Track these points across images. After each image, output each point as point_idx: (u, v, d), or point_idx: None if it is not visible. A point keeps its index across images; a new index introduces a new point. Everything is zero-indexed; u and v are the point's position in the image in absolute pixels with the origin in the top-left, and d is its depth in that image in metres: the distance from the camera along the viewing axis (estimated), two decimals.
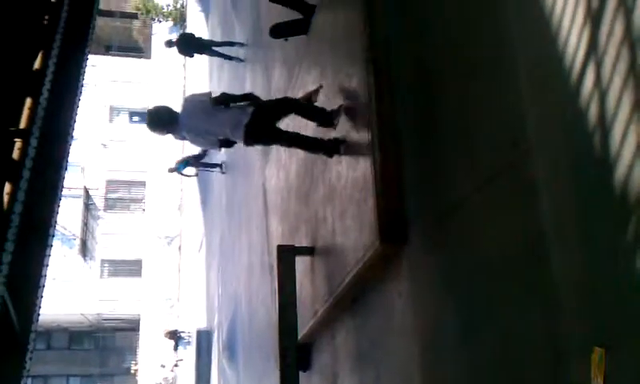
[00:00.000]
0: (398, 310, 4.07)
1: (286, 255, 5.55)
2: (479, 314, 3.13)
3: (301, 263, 5.66)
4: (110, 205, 29.45)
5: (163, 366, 22.39)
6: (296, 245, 5.94)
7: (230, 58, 12.86)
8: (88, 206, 27.09)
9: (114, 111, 30.58)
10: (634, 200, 2.12)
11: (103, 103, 28.99)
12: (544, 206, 2.62)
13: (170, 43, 13.42)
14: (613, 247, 2.22)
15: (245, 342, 10.94)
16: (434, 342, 3.60)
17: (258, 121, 4.90)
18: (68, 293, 26.12)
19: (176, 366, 20.16)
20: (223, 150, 13.15)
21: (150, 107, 5.41)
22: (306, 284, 5.60)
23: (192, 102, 5.28)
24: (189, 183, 22.05)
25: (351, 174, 4.42)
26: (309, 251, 5.58)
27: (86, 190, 26.82)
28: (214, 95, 5.10)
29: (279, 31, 6.78)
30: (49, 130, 6.56)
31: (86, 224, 26.52)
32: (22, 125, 6.35)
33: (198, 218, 19.46)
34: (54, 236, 6.82)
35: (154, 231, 26.11)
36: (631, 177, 2.13)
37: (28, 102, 6.42)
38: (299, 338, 5.72)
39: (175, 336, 18.93)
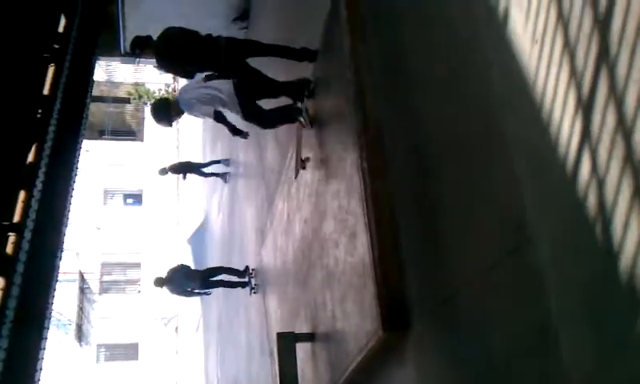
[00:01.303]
0: None
1: (286, 342, 5.44)
2: None
3: (301, 349, 5.56)
4: (105, 288, 29.13)
5: None
6: (296, 329, 5.85)
7: (217, 175, 14.12)
8: (83, 290, 26.79)
9: (108, 194, 30.64)
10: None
11: (97, 187, 29.09)
12: (549, 294, 2.57)
13: (163, 171, 14.92)
14: (622, 339, 2.17)
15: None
16: None
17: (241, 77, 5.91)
18: (64, 380, 25.54)
19: None
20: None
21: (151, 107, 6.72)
22: (308, 371, 5.48)
23: (188, 85, 6.34)
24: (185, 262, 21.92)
25: (349, 259, 4.38)
26: (309, 338, 5.48)
27: (81, 274, 26.58)
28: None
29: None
30: (43, 221, 6.55)
31: (81, 308, 26.17)
32: (16, 218, 6.33)
33: (195, 300, 19.24)
34: (49, 328, 6.71)
35: (150, 313, 25.77)
36: (636, 268, 2.10)
37: (22, 195, 6.42)
38: None
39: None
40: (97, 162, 27.84)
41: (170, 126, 6.78)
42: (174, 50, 5.70)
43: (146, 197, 28.72)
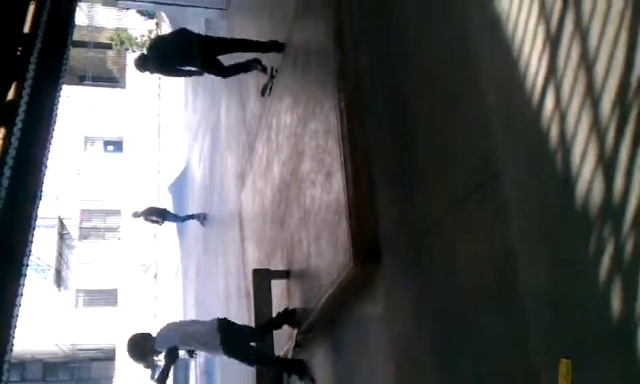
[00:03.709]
0: (373, 332, 4.12)
1: (262, 279, 5.58)
2: (453, 335, 3.19)
3: (277, 287, 5.70)
4: (84, 234, 29.12)
5: None
6: (272, 268, 5.98)
7: (193, 217, 14.56)
8: (62, 235, 26.75)
9: (88, 141, 30.38)
10: (594, 215, 2.20)
11: (77, 133, 28.80)
12: (513, 225, 2.70)
13: (136, 214, 15.29)
14: (576, 260, 2.30)
15: (223, 367, 10.87)
16: (409, 362, 3.65)
17: None
18: (42, 323, 25.69)
19: None
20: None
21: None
22: (283, 307, 5.62)
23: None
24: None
25: (325, 197, 4.49)
26: (284, 274, 5.61)
27: (61, 220, 26.51)
28: None
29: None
30: (23, 161, 6.54)
31: (60, 254, 26.17)
32: None
33: (174, 245, 19.34)
34: (27, 266, 6.77)
35: (129, 260, 25.87)
36: (591, 193, 2.22)
37: (1, 132, 6.40)
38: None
39: (152, 364, 18.73)
40: (77, 107, 27.54)
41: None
42: (164, 58, 6.88)
43: (126, 144, 28.53)
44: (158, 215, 15.34)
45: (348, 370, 4.57)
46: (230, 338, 5.28)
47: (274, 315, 5.55)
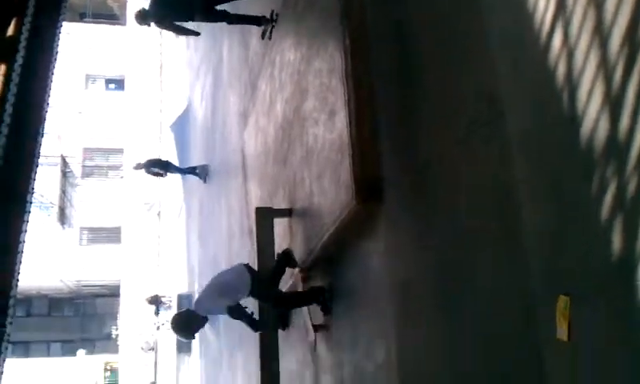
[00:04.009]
0: (375, 270, 4.16)
1: (264, 217, 5.61)
2: (453, 273, 3.22)
3: (279, 225, 5.73)
4: (87, 172, 29.19)
5: (141, 334, 22.52)
6: (274, 206, 6.00)
7: (195, 173, 14.42)
8: (65, 173, 26.83)
9: (89, 79, 30.14)
10: (598, 155, 2.20)
11: (78, 71, 28.54)
12: (517, 164, 2.69)
13: (139, 166, 15.30)
14: (579, 200, 2.30)
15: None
16: (409, 300, 3.69)
17: None
18: (47, 260, 26.01)
19: (157, 330, 20.26)
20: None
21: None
22: (285, 245, 5.67)
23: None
24: (168, 149, 21.95)
25: (328, 135, 4.47)
26: (287, 213, 5.64)
27: (63, 158, 26.54)
28: None
29: None
30: (24, 98, 6.50)
31: (63, 191, 26.30)
32: None
33: (177, 184, 19.40)
34: (31, 203, 6.80)
35: (132, 198, 25.98)
36: (596, 132, 2.20)
37: (2, 68, 6.34)
38: None
39: (156, 301, 19.01)
40: (78, 45, 27.21)
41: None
42: (163, 12, 7.00)
43: (128, 83, 28.28)
44: (160, 167, 15.29)
45: (349, 308, 4.64)
46: (258, 280, 5.30)
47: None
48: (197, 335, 5.75)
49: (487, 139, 2.93)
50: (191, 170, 14.64)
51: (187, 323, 5.46)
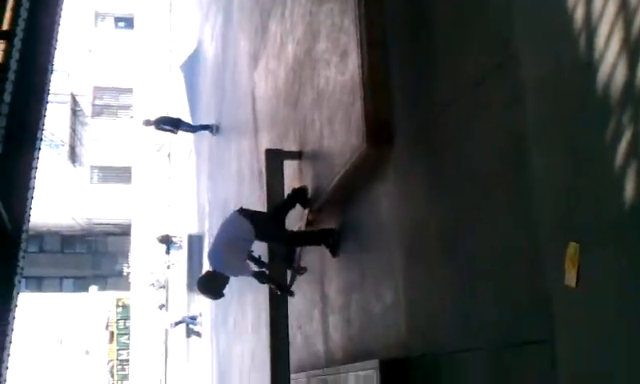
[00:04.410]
0: (383, 213, 4.17)
1: (274, 159, 5.60)
2: (463, 218, 3.23)
3: (289, 168, 5.73)
4: (97, 111, 29.17)
5: (153, 272, 22.85)
6: (285, 149, 5.99)
7: (206, 127, 14.15)
8: (75, 112, 26.81)
9: (98, 16, 29.82)
10: (614, 101, 2.16)
11: (87, 8, 28.21)
12: (530, 108, 2.66)
13: (148, 122, 14.69)
14: (593, 147, 2.28)
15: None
16: (418, 244, 3.71)
17: None
18: (58, 198, 26.26)
19: (168, 269, 20.56)
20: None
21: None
22: (295, 188, 5.67)
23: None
24: (177, 90, 21.83)
25: (339, 78, 4.42)
26: (297, 155, 5.63)
27: (73, 96, 26.48)
28: None
29: None
30: (33, 34, 6.45)
31: (73, 130, 26.34)
32: (5, 26, 6.22)
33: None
34: (41, 140, 6.82)
35: (142, 138, 26.00)
36: (613, 79, 2.17)
37: (10, 2, 6.26)
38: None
39: (167, 240, 19.21)
40: None
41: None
42: None
43: (137, 21, 27.96)
44: (171, 124, 15.04)
45: (357, 250, 4.67)
46: (258, 220, 5.31)
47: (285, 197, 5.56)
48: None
49: (501, 85, 2.89)
50: (203, 127, 14.44)
51: (213, 284, 5.43)
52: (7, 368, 5.56)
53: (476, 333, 3.06)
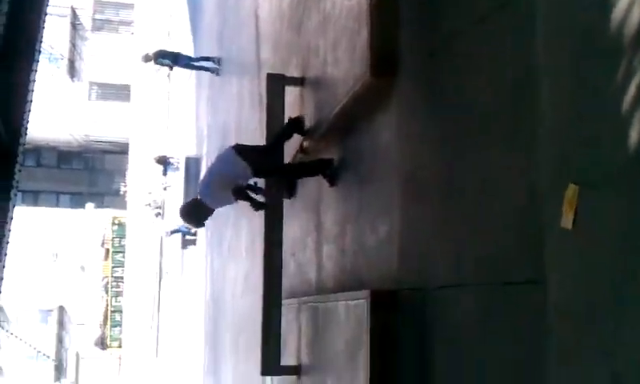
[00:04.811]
0: (384, 145, 4.13)
1: (276, 84, 5.52)
2: (463, 154, 3.19)
3: (290, 94, 5.66)
4: (97, 26, 28.66)
5: (151, 193, 22.93)
6: (287, 75, 5.90)
7: (206, 69, 13.61)
8: (75, 25, 26.36)
9: None
10: (627, 40, 2.10)
11: None
12: (538, 44, 2.59)
13: (147, 58, 14.03)
14: (600, 88, 2.23)
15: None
16: (415, 178, 3.69)
17: None
18: (56, 112, 26.10)
19: (165, 190, 20.64)
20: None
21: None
22: (295, 114, 5.62)
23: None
24: (179, 8, 21.41)
25: (346, 2, 4.31)
26: (299, 82, 5.55)
27: (73, 10, 25.98)
28: None
29: None
30: None
31: (73, 44, 25.96)
32: None
33: (187, 44, 19.06)
34: (40, 52, 6.70)
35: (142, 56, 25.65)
36: (629, 18, 2.09)
37: None
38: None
39: (164, 161, 19.19)
40: None
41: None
42: None
43: None
44: (170, 59, 14.59)
45: (355, 181, 4.65)
46: (254, 157, 5.25)
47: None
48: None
49: (509, 19, 2.81)
50: (204, 58, 13.99)
51: (196, 212, 5.43)
52: (2, 279, 5.63)
53: (467, 270, 3.07)
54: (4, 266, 5.57)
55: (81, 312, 33.06)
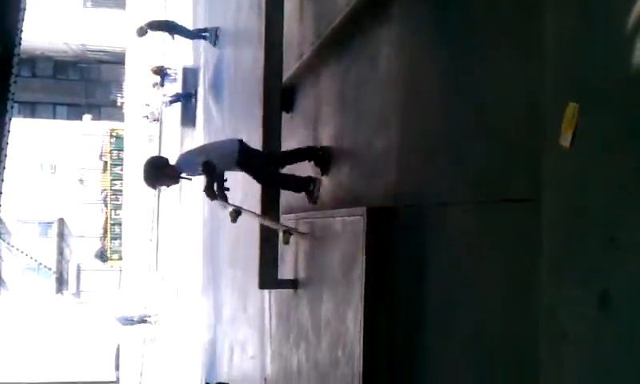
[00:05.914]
0: (384, 57, 4.07)
1: None
2: (464, 68, 3.14)
3: (290, 2, 5.51)
4: None
5: (148, 105, 22.67)
6: None
7: (204, 37, 13.03)
8: None
9: None
10: None
11: None
12: None
13: (142, 31, 13.33)
14: (605, 6, 2.17)
15: (230, 82, 11.00)
16: (414, 94, 3.65)
17: None
18: (51, 20, 25.54)
19: (163, 104, 20.39)
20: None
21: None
22: (294, 25, 5.50)
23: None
24: None
25: None
26: None
27: None
28: None
29: None
30: None
31: None
32: None
33: None
34: None
35: None
36: None
37: None
38: (284, 80, 5.76)
39: (161, 72, 18.86)
40: None
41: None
42: None
43: None
44: (166, 28, 13.83)
45: (354, 93, 4.60)
46: (256, 163, 5.27)
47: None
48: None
49: None
50: (201, 31, 13.43)
51: (154, 171, 5.16)
52: (1, 193, 5.64)
53: (464, 187, 3.08)
54: (3, 180, 5.58)
55: (81, 224, 33.40)
